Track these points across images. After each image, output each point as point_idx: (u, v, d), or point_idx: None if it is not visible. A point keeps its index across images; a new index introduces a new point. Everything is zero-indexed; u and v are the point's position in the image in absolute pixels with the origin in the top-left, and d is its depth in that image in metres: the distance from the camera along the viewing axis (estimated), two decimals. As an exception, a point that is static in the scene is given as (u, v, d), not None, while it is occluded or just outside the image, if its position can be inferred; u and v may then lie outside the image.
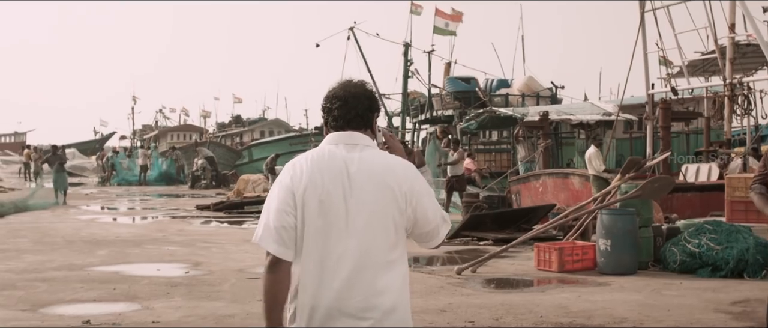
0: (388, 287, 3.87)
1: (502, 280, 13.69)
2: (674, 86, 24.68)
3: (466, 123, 30.12)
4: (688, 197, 20.54)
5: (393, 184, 3.94)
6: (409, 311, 3.97)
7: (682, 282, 12.95)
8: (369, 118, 4.11)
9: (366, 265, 3.86)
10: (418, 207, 3.96)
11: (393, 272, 3.91)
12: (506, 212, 20.67)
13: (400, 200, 3.91)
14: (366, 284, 3.85)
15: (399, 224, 3.95)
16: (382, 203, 3.91)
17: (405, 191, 3.93)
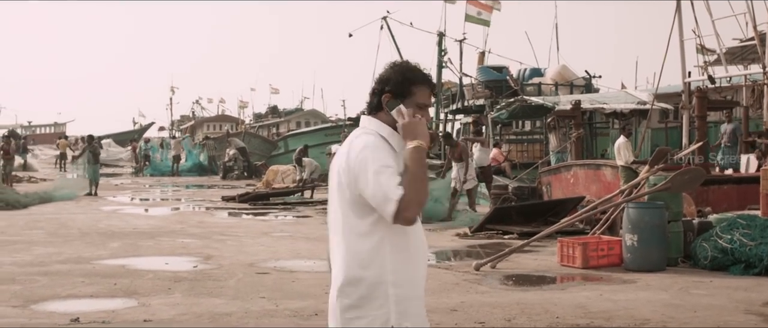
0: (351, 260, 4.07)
1: (522, 276, 13.02)
2: (711, 74, 23.82)
3: (497, 113, 29.44)
4: (725, 190, 19.73)
5: (338, 165, 4.16)
6: (385, 280, 4.02)
7: (712, 280, 12.21)
8: (372, 102, 4.27)
9: (338, 242, 4.17)
10: (356, 185, 4.03)
11: (362, 244, 4.05)
12: (532, 204, 19.94)
13: (342, 177, 4.09)
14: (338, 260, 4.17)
15: (351, 201, 4.07)
16: (334, 185, 4.19)
17: (344, 170, 4.10)
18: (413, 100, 4.14)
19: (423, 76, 4.19)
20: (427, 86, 4.19)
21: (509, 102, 29.26)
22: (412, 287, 4.08)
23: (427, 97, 4.18)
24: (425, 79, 4.19)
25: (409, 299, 4.05)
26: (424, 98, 4.17)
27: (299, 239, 17.80)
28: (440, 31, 39.80)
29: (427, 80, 4.20)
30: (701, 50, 27.24)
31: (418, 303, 4.12)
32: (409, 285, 4.07)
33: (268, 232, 19.07)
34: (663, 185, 13.69)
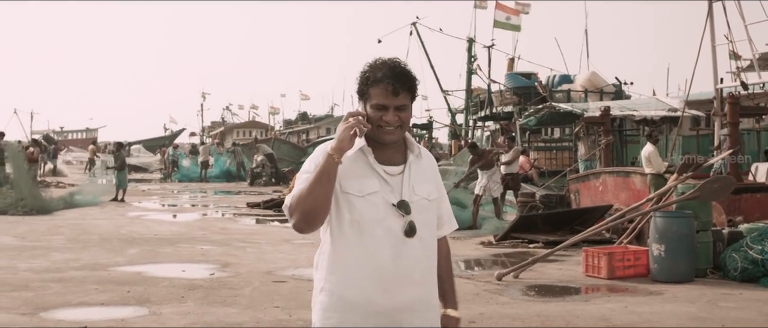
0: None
1: (545, 287, 12.66)
2: (744, 80, 23.31)
3: (525, 119, 29.07)
4: (758, 198, 19.25)
5: None
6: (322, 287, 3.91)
7: (742, 293, 11.79)
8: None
9: None
10: None
11: (318, 248, 4.04)
12: (559, 212, 19.58)
13: None
14: None
15: None
16: None
17: None
18: (371, 103, 3.83)
19: (379, 74, 3.81)
20: (386, 84, 3.78)
21: (537, 109, 28.89)
22: (349, 298, 3.79)
23: (384, 96, 3.78)
24: (382, 77, 3.80)
25: (342, 309, 3.81)
26: (380, 98, 3.78)
27: (320, 246, 17.49)
28: (470, 37, 39.52)
29: (384, 78, 3.79)
30: (734, 56, 26.75)
31: (361, 318, 3.81)
32: (346, 295, 3.79)
33: (289, 239, 18.77)
34: (692, 193, 13.29)
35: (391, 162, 3.88)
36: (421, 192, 3.90)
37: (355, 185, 3.81)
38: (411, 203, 3.83)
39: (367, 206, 3.80)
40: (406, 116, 3.86)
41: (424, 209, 3.90)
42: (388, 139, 3.83)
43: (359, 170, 3.83)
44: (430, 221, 3.95)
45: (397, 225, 3.82)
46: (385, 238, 3.81)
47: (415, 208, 3.85)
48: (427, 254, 3.92)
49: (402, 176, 3.87)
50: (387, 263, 3.80)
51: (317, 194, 3.70)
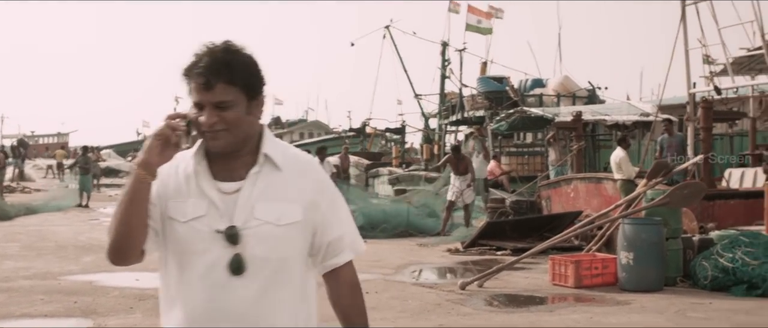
0: None
1: (510, 296, 12.23)
2: (717, 85, 23.04)
3: (497, 124, 28.73)
4: (731, 205, 18.94)
5: None
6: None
7: (712, 302, 11.39)
8: None
9: None
10: None
11: None
12: (528, 219, 19.17)
13: None
14: None
15: None
16: None
17: None
18: (192, 101, 3.03)
19: (187, 69, 2.98)
20: (196, 76, 2.94)
21: (509, 113, 28.59)
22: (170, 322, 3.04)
23: (197, 92, 2.94)
24: (192, 67, 2.96)
25: None
26: (195, 95, 2.96)
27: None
28: (444, 41, 39.18)
29: (193, 69, 2.95)
30: (707, 60, 26.49)
31: None
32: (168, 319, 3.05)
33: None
34: (661, 199, 12.89)
35: (232, 177, 3.00)
36: (266, 214, 2.96)
37: (179, 208, 2.99)
38: (245, 230, 2.93)
39: (189, 234, 2.96)
40: (234, 117, 2.94)
41: (269, 238, 2.95)
42: (212, 146, 2.98)
43: (189, 188, 3.01)
44: (281, 252, 2.98)
45: (224, 259, 2.93)
46: (205, 276, 2.95)
47: (253, 236, 2.93)
48: (272, 300, 2.98)
49: (238, 194, 2.97)
50: (198, 311, 2.96)
51: (122, 220, 2.93)
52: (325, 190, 3.13)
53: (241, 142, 2.99)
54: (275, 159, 3.01)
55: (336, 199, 3.18)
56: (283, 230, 2.97)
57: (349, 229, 3.21)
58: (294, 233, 3.01)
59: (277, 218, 2.96)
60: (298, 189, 3.03)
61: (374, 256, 16.53)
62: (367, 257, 16.37)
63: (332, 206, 3.14)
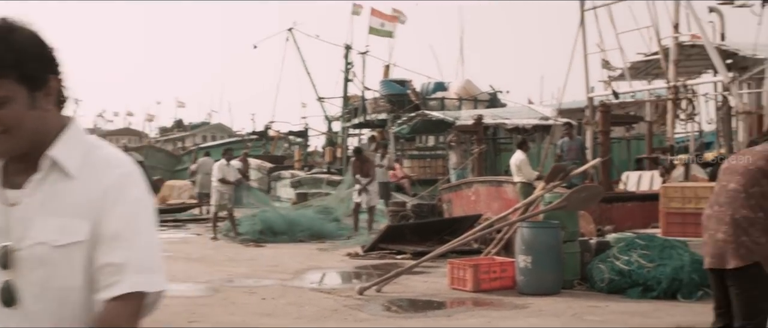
0: None
1: (408, 301, 12.10)
2: (615, 89, 23.32)
3: (399, 127, 28.67)
4: (629, 207, 19.15)
5: None
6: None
7: (608, 305, 11.42)
8: None
9: None
10: None
11: None
12: (428, 222, 19.12)
13: None
14: None
15: None
16: None
17: None
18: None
19: None
20: None
21: (411, 116, 28.56)
22: None
23: None
24: None
25: None
26: None
27: (179, 259, 16.66)
28: (347, 44, 39.02)
29: None
30: (605, 65, 26.80)
31: None
32: None
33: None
34: (558, 203, 12.90)
35: (21, 183, 2.42)
36: (41, 233, 2.36)
37: None
38: (19, 251, 2.35)
39: None
40: (12, 115, 2.35)
41: (46, 262, 2.35)
42: None
43: None
44: (62, 281, 2.37)
45: None
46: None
47: (26, 259, 2.35)
48: None
49: (19, 206, 2.39)
50: None
51: None
52: (121, 199, 2.40)
53: (31, 144, 2.40)
54: (65, 164, 2.40)
55: (137, 214, 2.43)
56: (62, 253, 2.35)
57: (140, 255, 2.39)
58: (78, 256, 2.36)
59: (54, 238, 2.34)
60: (88, 200, 2.38)
61: (273, 261, 16.30)
62: (265, 261, 16.19)
63: (125, 220, 2.39)
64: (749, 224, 6.30)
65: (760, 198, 6.32)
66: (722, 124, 22.78)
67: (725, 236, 6.36)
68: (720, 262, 6.41)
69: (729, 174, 6.53)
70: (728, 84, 19.85)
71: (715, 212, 6.53)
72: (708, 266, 6.60)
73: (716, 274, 6.53)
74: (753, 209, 6.32)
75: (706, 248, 6.61)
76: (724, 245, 6.36)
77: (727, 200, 6.43)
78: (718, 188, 6.61)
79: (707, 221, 6.60)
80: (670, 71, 21.44)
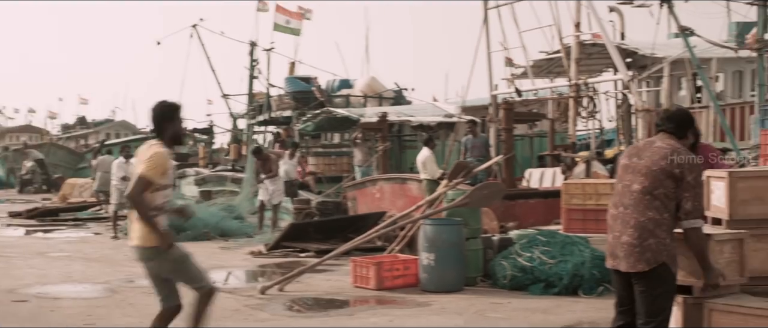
0: None
1: (311, 300, 11.97)
2: (518, 87, 23.52)
3: (303, 124, 28.53)
4: (532, 204, 19.30)
5: None
6: None
7: (511, 301, 11.46)
8: None
9: None
10: None
11: None
12: (332, 220, 19.01)
13: None
14: None
15: None
16: None
17: None
18: None
19: None
20: None
21: (315, 114, 28.43)
22: None
23: None
24: None
25: None
26: None
27: (77, 259, 16.31)
28: (252, 41, 38.62)
29: None
30: (508, 63, 27.04)
31: None
32: None
33: (45, 252, 17.47)
34: (461, 200, 12.91)
35: None
36: None
37: None
38: None
39: None
40: None
41: None
42: None
43: None
44: None
45: None
46: None
47: None
48: None
49: None
50: None
51: None
52: None
53: None
54: None
55: None
56: None
57: None
58: None
59: None
60: None
61: (174, 260, 15.98)
62: (165, 261, 15.85)
63: None
64: (655, 226, 6.31)
65: (665, 199, 6.34)
66: (622, 122, 23.12)
67: (631, 238, 6.36)
68: (626, 265, 6.39)
69: (631, 174, 6.51)
70: (628, 82, 20.12)
71: (620, 214, 6.51)
72: (613, 267, 6.57)
73: (621, 274, 6.53)
74: (659, 210, 6.34)
75: (610, 248, 6.59)
76: (630, 248, 6.35)
77: (632, 202, 6.42)
78: (620, 188, 6.59)
79: (613, 221, 6.58)
80: (571, 69, 21.71)
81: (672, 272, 6.39)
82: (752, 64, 21.18)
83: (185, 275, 7.36)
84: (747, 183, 7.41)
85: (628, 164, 6.62)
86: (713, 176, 7.66)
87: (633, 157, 6.61)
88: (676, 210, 6.36)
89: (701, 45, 19.82)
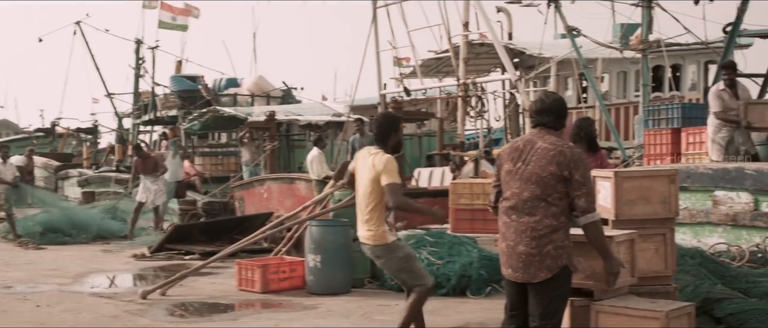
0: None
1: (194, 305, 11.62)
2: (406, 86, 23.52)
3: (190, 124, 28.04)
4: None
5: None
6: None
7: (398, 303, 11.17)
8: None
9: None
10: None
11: None
12: (218, 221, 18.66)
13: None
14: None
15: None
16: None
17: None
18: None
19: None
20: None
21: (202, 113, 27.95)
22: None
23: None
24: None
25: None
26: None
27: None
28: (138, 39, 37.85)
29: None
30: (398, 62, 27.01)
31: None
32: None
33: None
34: (348, 200, 12.68)
35: None
36: None
37: None
38: None
39: None
40: None
41: None
42: None
43: None
44: None
45: None
46: None
47: None
48: None
49: None
50: None
51: None
52: None
53: None
54: None
55: None
56: None
57: None
58: None
59: None
60: None
61: (52, 264, 15.47)
62: (44, 265, 15.33)
63: None
64: (552, 231, 6.17)
65: (559, 202, 6.18)
66: (510, 122, 23.28)
67: (528, 248, 6.19)
68: (526, 276, 6.22)
69: (519, 182, 6.29)
70: (516, 82, 20.26)
71: (513, 222, 6.30)
72: (510, 278, 6.38)
73: (517, 283, 6.38)
74: (555, 216, 6.19)
75: (505, 258, 6.38)
76: (529, 258, 6.19)
77: (526, 211, 6.23)
78: (509, 195, 6.36)
79: (505, 229, 6.37)
80: (460, 69, 21.79)
81: (570, 272, 6.29)
82: (636, 65, 21.53)
83: (409, 274, 8.05)
84: (633, 183, 7.38)
85: (512, 170, 6.39)
86: (599, 176, 7.62)
87: (517, 161, 6.37)
88: (570, 209, 6.22)
89: (587, 45, 20.05)
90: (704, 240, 12.21)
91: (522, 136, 6.68)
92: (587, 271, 6.65)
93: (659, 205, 7.36)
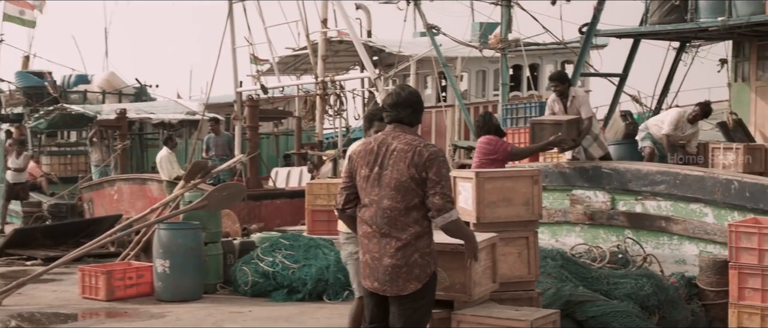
0: None
1: (33, 314, 10.88)
2: (264, 84, 23.02)
3: (36, 122, 26.89)
4: (278, 205, 18.88)
5: None
6: None
7: (251, 310, 10.80)
8: None
9: None
10: None
11: None
12: (63, 224, 17.79)
13: None
14: None
15: None
16: None
17: None
18: None
19: None
20: None
21: (48, 110, 26.81)
22: None
23: None
24: None
25: None
26: None
27: None
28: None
29: None
30: (255, 60, 26.48)
31: None
32: None
33: None
34: (199, 202, 12.12)
35: None
36: None
37: None
38: None
39: None
40: None
41: None
42: None
43: None
44: None
45: None
46: None
47: None
48: None
49: None
50: None
51: None
52: None
53: None
54: None
55: None
56: None
57: None
58: None
59: None
60: None
61: None
62: None
63: None
64: (416, 238, 5.79)
65: (421, 207, 5.80)
66: (369, 120, 23.01)
67: (395, 260, 5.78)
68: (394, 289, 5.82)
69: (378, 188, 5.86)
70: (375, 80, 20.03)
71: (375, 233, 5.87)
72: (375, 291, 5.94)
73: (378, 294, 5.94)
74: (419, 222, 5.81)
75: (369, 270, 5.94)
76: (396, 270, 5.78)
77: (387, 221, 5.81)
78: (368, 202, 5.92)
79: (367, 240, 5.93)
80: (318, 67, 21.42)
81: (436, 280, 5.92)
82: (495, 64, 21.51)
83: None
84: (494, 184, 7.09)
85: (369, 176, 5.94)
86: (460, 177, 7.31)
87: (373, 165, 5.92)
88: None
89: (447, 44, 19.90)
90: (562, 240, 12.18)
91: (374, 136, 6.16)
92: (446, 281, 6.30)
93: (522, 207, 7.11)
